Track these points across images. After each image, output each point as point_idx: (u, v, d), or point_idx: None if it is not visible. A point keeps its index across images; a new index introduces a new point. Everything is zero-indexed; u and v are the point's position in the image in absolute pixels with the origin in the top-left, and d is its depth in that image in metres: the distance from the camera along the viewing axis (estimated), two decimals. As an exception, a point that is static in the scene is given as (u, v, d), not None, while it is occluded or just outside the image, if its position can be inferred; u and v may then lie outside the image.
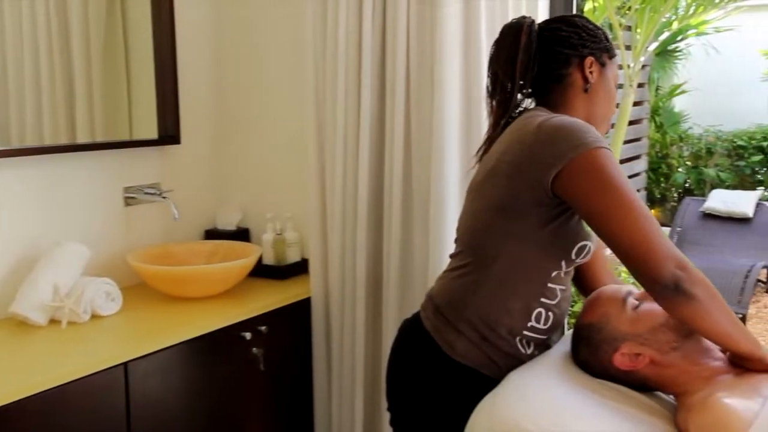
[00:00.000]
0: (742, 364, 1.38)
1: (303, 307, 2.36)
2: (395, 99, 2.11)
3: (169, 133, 2.48)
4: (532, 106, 1.57)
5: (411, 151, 2.14)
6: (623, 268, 3.71)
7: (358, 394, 2.27)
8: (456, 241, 1.59)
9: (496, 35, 1.58)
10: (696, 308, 1.30)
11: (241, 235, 2.65)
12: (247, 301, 2.24)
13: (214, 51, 2.67)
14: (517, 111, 1.54)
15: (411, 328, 1.61)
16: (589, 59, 1.53)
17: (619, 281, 1.73)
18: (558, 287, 1.50)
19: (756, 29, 7.36)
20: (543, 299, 1.49)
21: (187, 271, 2.22)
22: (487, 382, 1.47)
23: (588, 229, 1.44)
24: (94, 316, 2.05)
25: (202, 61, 2.63)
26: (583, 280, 1.70)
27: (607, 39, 1.57)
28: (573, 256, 1.47)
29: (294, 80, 2.50)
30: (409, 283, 2.19)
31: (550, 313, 1.51)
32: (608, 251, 1.43)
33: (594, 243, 1.50)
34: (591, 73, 1.52)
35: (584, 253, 1.48)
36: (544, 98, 1.55)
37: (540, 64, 1.53)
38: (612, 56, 1.57)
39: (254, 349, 2.17)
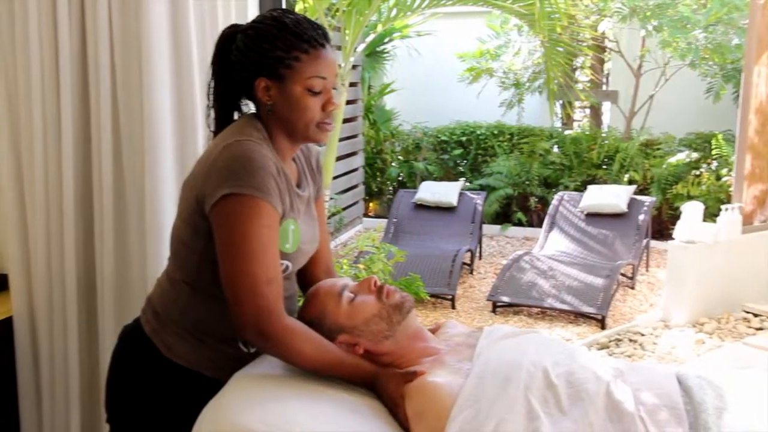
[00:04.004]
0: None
1: (3, 328, 2.12)
2: (100, 98, 1.98)
3: None
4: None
5: (122, 150, 2.02)
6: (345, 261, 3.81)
7: (73, 412, 2.11)
8: None
9: (206, 35, 1.54)
10: (283, 356, 1.39)
11: None
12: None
13: None
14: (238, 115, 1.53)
15: (130, 334, 1.56)
16: (259, 83, 1.43)
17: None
18: None
19: (452, 34, 8.07)
20: None
21: None
22: (210, 384, 1.44)
23: (289, 249, 1.46)
24: None
25: None
26: (303, 283, 1.70)
27: (282, 47, 1.40)
28: None
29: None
30: (127, 288, 2.07)
31: None
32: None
33: (296, 263, 1.52)
34: (268, 95, 1.44)
35: (281, 271, 1.46)
36: (257, 111, 1.51)
37: (229, 83, 1.49)
38: (295, 59, 1.40)
39: (-57, 381, 1.91)
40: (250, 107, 1.54)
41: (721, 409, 1.32)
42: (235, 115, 1.54)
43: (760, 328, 4.49)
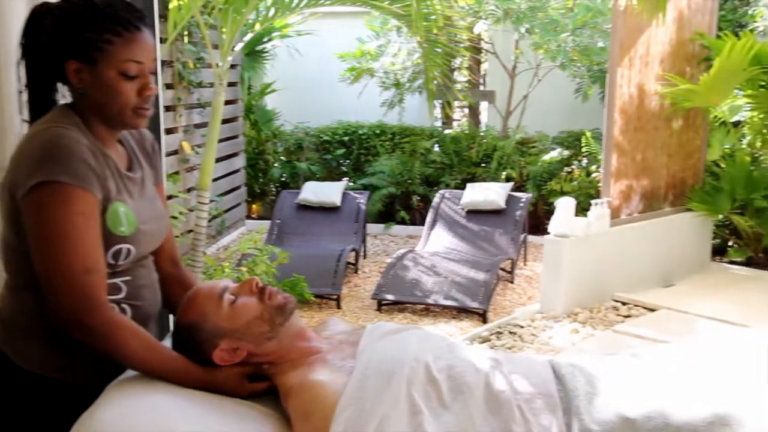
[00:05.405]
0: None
1: None
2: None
3: None
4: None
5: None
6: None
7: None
8: None
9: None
10: (108, 350, 1.36)
11: None
12: None
13: None
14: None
15: None
16: (69, 65, 1.38)
17: (188, 274, 1.73)
18: (118, 281, 1.46)
19: (332, 34, 8.08)
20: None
21: None
22: (76, 391, 1.40)
23: (125, 231, 1.42)
24: None
25: None
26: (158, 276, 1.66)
27: (93, 28, 1.36)
28: (111, 261, 1.42)
29: None
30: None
31: (124, 307, 1.47)
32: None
33: (139, 245, 1.48)
34: (78, 78, 1.39)
35: (124, 256, 1.44)
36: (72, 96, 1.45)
37: (40, 66, 1.43)
38: (106, 42, 1.36)
39: None
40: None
41: (591, 395, 1.39)
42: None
43: (628, 316, 4.75)
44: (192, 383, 1.39)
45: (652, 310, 4.77)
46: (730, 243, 6.02)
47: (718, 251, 5.94)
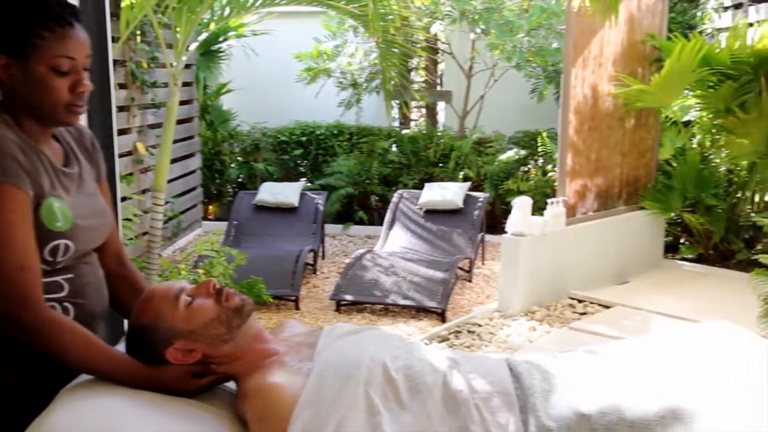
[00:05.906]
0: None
1: None
2: None
3: None
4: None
5: None
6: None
7: None
8: None
9: None
10: (47, 350, 1.34)
11: None
12: None
13: None
14: None
15: None
16: None
17: (135, 272, 1.71)
18: (59, 278, 1.44)
19: (289, 34, 8.04)
20: (47, 295, 1.39)
21: None
22: (16, 391, 1.38)
23: (61, 227, 1.40)
24: None
25: None
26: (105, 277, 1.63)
27: (23, 22, 1.34)
28: (48, 257, 1.41)
29: None
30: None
31: (67, 306, 1.45)
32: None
33: (78, 241, 1.46)
34: (7, 73, 1.36)
35: (62, 252, 1.42)
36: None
37: None
38: (38, 37, 1.34)
39: None
40: None
41: (547, 392, 1.40)
42: None
43: (584, 313, 4.82)
44: (137, 382, 1.38)
45: (607, 307, 4.85)
46: (681, 240, 6.15)
47: (671, 248, 6.07)
